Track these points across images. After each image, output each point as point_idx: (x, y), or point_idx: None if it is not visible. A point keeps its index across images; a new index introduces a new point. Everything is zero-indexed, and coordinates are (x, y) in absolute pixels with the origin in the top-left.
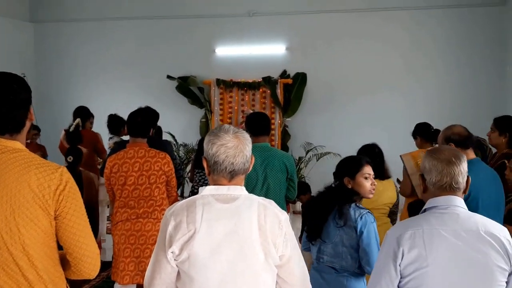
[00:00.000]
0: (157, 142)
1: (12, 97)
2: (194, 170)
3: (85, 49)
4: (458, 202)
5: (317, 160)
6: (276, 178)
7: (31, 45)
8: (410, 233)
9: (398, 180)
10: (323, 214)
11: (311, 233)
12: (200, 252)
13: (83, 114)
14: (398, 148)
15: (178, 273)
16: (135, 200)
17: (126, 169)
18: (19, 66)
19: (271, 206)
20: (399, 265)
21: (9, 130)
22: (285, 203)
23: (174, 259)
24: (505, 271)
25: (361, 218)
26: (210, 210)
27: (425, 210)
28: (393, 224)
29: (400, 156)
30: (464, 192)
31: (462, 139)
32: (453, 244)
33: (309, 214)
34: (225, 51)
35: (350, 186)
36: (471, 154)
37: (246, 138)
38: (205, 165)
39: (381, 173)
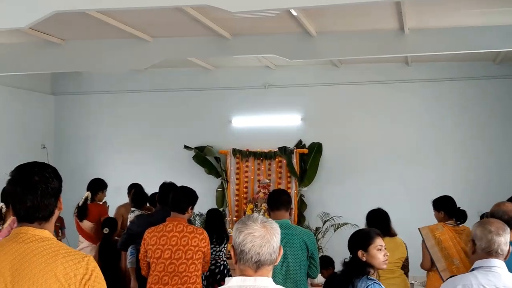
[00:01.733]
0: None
1: (44, 186)
2: None
3: (103, 120)
4: (501, 264)
5: (334, 231)
6: (296, 257)
7: (51, 116)
8: (461, 286)
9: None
10: None
11: None
12: None
13: (94, 186)
14: (415, 217)
15: None
16: (169, 276)
17: (164, 242)
18: (40, 138)
19: None
20: None
21: (38, 219)
22: (306, 282)
23: None
24: None
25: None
26: None
27: (473, 269)
28: (406, 275)
29: (419, 229)
30: (505, 258)
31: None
32: None
33: None
34: (241, 121)
35: (364, 259)
36: None
37: (275, 228)
38: (232, 253)
39: (389, 232)
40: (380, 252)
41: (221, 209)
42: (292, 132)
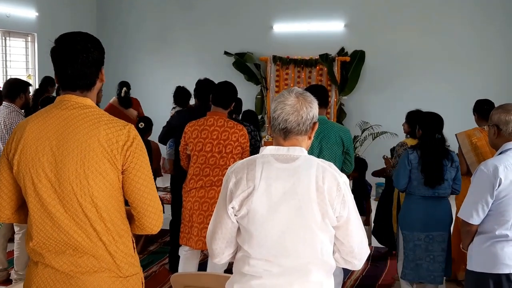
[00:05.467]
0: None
1: (85, 55)
2: None
3: (142, 18)
4: None
5: (373, 139)
6: (331, 151)
7: (94, 3)
8: (503, 166)
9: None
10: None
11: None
12: (258, 209)
13: (126, 84)
14: (456, 128)
15: (239, 229)
16: (210, 168)
17: (205, 136)
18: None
19: (330, 168)
20: (495, 191)
21: (80, 87)
22: None
23: (235, 215)
24: None
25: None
26: (269, 168)
27: (506, 151)
28: None
29: (456, 135)
30: None
31: None
32: None
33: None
34: (282, 27)
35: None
36: None
37: (308, 100)
38: (267, 125)
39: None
40: None
41: (259, 116)
42: (335, 39)
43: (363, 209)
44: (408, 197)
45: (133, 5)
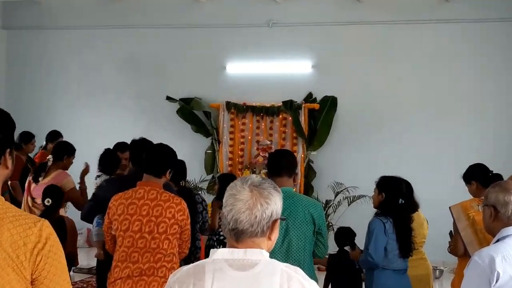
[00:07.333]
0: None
1: None
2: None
3: (67, 62)
4: None
5: (348, 205)
6: (300, 232)
7: (2, 55)
8: (501, 257)
9: (451, 234)
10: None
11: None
12: None
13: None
14: (446, 192)
15: None
16: (139, 252)
17: (133, 212)
18: None
19: (297, 274)
20: (493, 287)
21: None
22: (312, 263)
23: None
24: None
25: None
26: (222, 278)
27: (503, 238)
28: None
29: (449, 208)
30: None
31: None
32: None
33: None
34: (237, 68)
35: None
36: None
37: (264, 195)
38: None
39: (412, 205)
40: None
41: (210, 175)
42: (301, 82)
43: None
44: (380, 273)
45: (48, 40)
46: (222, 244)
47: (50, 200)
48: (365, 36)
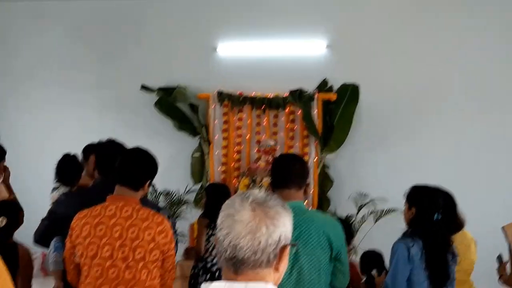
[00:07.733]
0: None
1: None
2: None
3: (16, 37)
4: None
5: (375, 221)
6: (313, 258)
7: None
8: None
9: (499, 258)
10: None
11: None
12: None
13: None
14: (497, 207)
15: None
16: (110, 285)
17: (102, 234)
18: None
19: None
20: None
21: None
22: None
23: None
24: None
25: None
26: None
27: None
28: None
29: (503, 228)
30: None
31: None
32: None
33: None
34: (231, 49)
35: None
36: None
37: (271, 215)
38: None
39: (456, 223)
40: None
41: (199, 184)
42: (313, 67)
43: None
44: None
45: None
46: (210, 273)
47: (4, 220)
48: (397, 4)
